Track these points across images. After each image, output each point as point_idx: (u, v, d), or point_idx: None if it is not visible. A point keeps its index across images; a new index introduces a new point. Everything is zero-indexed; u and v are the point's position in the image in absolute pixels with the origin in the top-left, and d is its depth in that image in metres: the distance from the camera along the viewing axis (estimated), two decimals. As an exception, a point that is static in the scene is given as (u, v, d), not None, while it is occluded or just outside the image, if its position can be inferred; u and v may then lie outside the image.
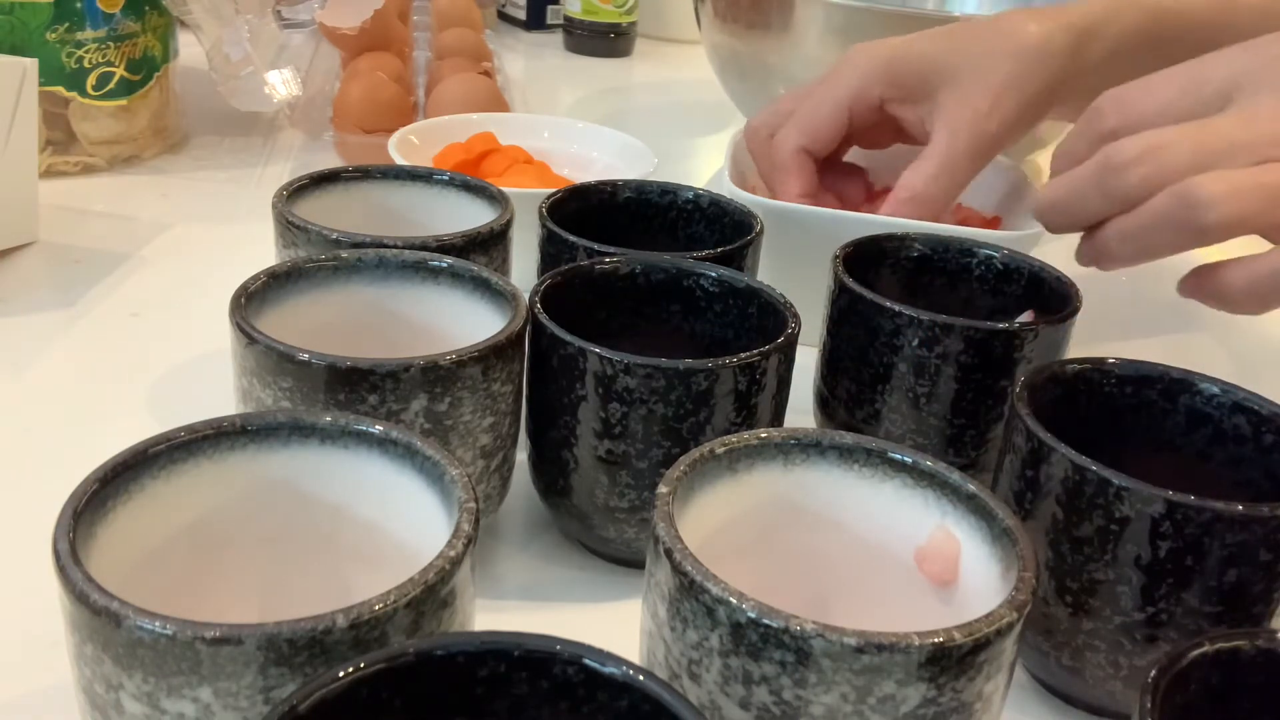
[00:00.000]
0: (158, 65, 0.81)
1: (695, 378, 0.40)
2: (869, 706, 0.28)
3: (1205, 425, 0.42)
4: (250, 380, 0.39)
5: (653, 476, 0.42)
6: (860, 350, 0.48)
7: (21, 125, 0.64)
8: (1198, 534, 0.35)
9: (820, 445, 0.36)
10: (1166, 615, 0.36)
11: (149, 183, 0.80)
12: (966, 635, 0.28)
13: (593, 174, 0.70)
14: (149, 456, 0.32)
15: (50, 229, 0.69)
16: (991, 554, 0.33)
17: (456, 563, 0.28)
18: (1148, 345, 0.49)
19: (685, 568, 0.29)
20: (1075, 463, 0.36)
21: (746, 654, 0.29)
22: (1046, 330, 0.46)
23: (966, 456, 0.48)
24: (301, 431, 0.34)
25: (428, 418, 0.39)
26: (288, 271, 0.44)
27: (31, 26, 0.73)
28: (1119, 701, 0.39)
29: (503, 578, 0.45)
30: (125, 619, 0.26)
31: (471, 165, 0.69)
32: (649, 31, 1.33)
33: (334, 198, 0.54)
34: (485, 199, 0.54)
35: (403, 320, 0.46)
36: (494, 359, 0.40)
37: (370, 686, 0.24)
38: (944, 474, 0.35)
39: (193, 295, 0.64)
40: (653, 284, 0.48)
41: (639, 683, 0.24)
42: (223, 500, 0.34)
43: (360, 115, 0.83)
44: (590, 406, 0.41)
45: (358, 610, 0.26)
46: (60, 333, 0.59)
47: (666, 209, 0.58)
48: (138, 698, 0.27)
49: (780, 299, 0.45)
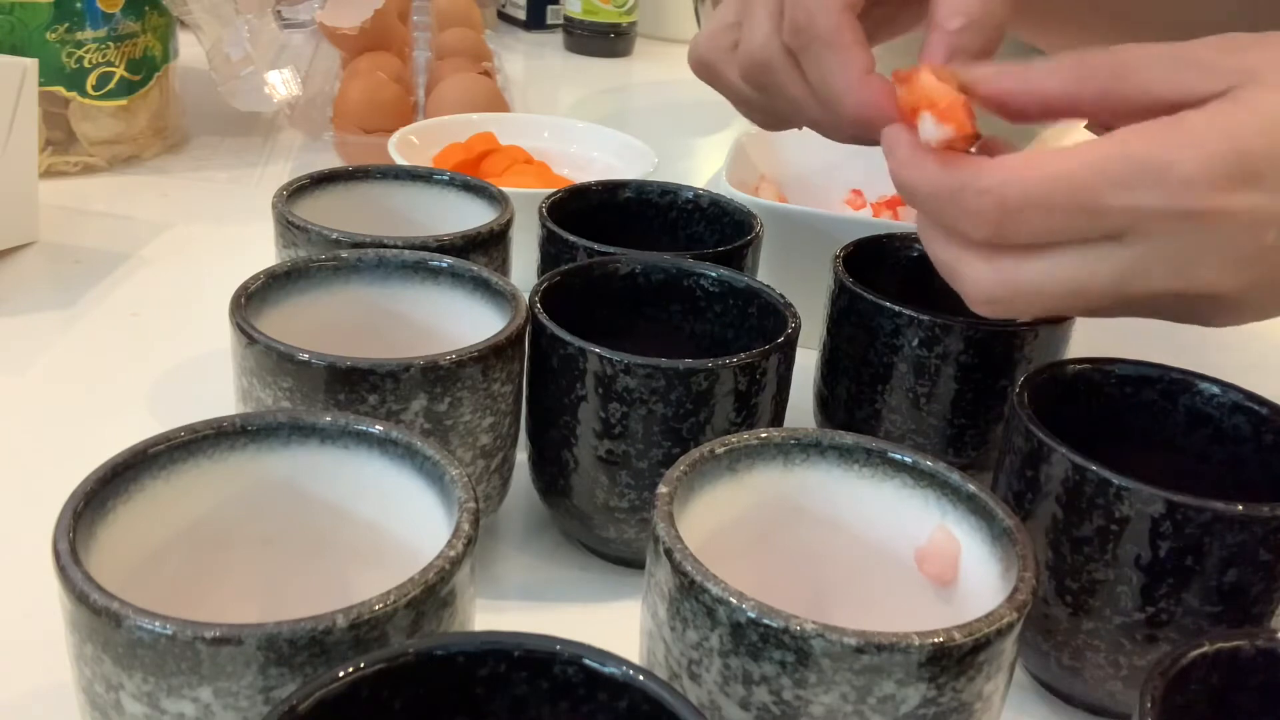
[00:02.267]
0: (158, 65, 0.81)
1: (695, 378, 0.40)
2: (869, 706, 0.28)
3: (1205, 425, 0.42)
4: (250, 380, 0.39)
5: (653, 476, 0.42)
6: (860, 350, 0.48)
7: (21, 125, 0.64)
8: (1198, 534, 0.35)
9: (820, 445, 0.36)
10: (1166, 615, 0.36)
11: (149, 183, 0.79)
12: (966, 635, 0.28)
13: (593, 174, 0.70)
14: (149, 456, 0.32)
15: (50, 229, 0.69)
16: (991, 554, 0.33)
17: (456, 563, 0.28)
18: (1148, 345, 0.49)
19: (685, 568, 0.29)
20: (1075, 463, 0.36)
21: (746, 654, 0.29)
22: (1046, 330, 0.46)
23: (966, 456, 0.48)
24: (301, 431, 0.34)
25: (428, 418, 0.39)
26: (288, 271, 0.44)
27: (31, 26, 0.73)
28: (1119, 701, 0.39)
29: (503, 578, 0.45)
30: (125, 619, 0.26)
31: (471, 165, 0.69)
32: (649, 31, 1.33)
33: (334, 198, 0.54)
34: (485, 199, 0.54)
35: (403, 320, 0.46)
36: (494, 359, 0.40)
37: (370, 686, 0.24)
38: (944, 474, 0.35)
39: (193, 295, 0.64)
40: (653, 284, 0.48)
41: (639, 683, 0.24)
42: (223, 500, 0.34)
43: (360, 115, 0.83)
44: (590, 406, 0.41)
45: (358, 610, 0.26)
46: (60, 333, 0.59)
47: (666, 209, 0.58)
48: (138, 698, 0.27)
49: (780, 299, 0.45)
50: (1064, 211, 0.35)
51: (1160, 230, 0.35)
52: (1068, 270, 0.36)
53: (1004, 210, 0.36)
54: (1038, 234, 0.36)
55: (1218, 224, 0.34)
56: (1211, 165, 0.34)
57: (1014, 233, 0.36)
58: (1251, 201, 0.34)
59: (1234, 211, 0.34)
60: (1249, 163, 0.34)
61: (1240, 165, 0.34)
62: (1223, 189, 0.34)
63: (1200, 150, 0.34)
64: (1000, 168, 0.36)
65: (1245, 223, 0.34)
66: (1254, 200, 0.34)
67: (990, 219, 0.36)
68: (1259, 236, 0.35)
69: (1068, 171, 0.35)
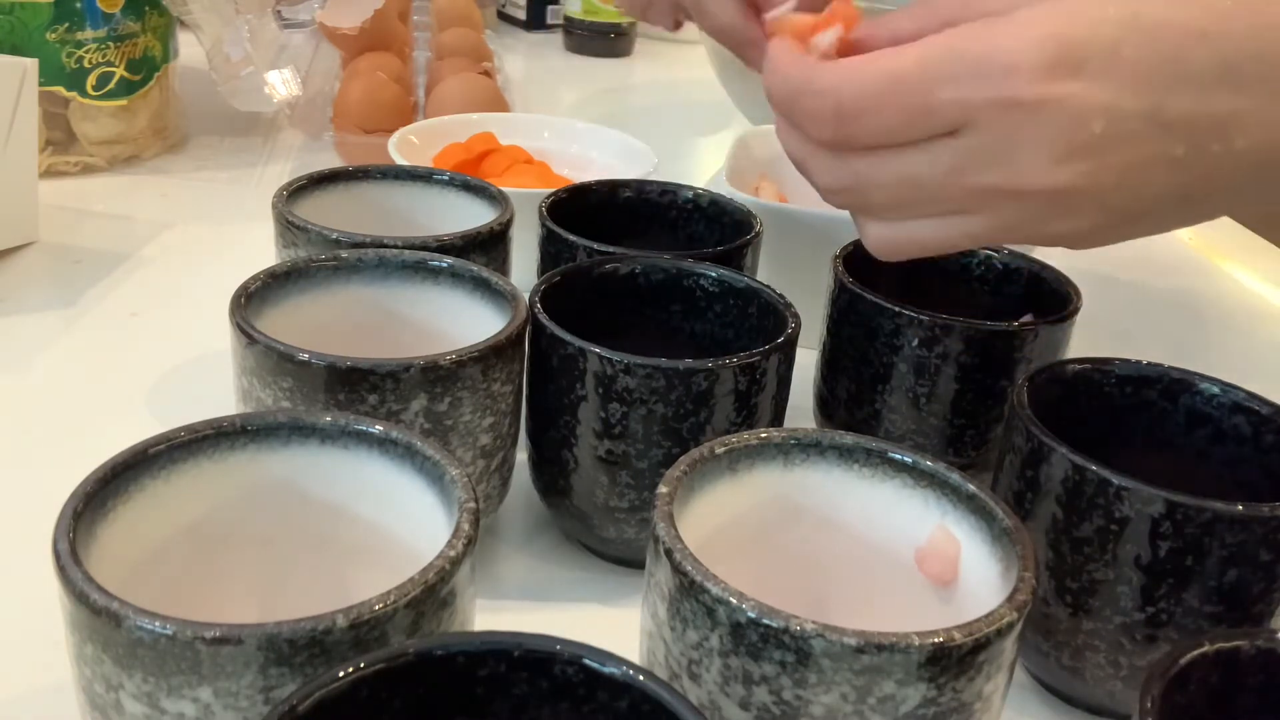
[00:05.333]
0: (158, 65, 0.81)
1: (695, 378, 0.40)
2: (869, 706, 0.28)
3: (1205, 425, 0.42)
4: (250, 380, 0.39)
5: (653, 476, 0.42)
6: (860, 350, 0.48)
7: (21, 125, 0.64)
8: (1198, 534, 0.35)
9: (820, 445, 0.36)
10: (1166, 615, 0.36)
11: (149, 183, 0.79)
12: (966, 635, 0.28)
13: (593, 174, 0.70)
14: (149, 456, 0.32)
15: (50, 229, 0.69)
16: (991, 554, 0.33)
17: (456, 563, 0.28)
18: (1148, 345, 0.49)
19: (685, 568, 0.29)
20: (1075, 463, 0.36)
21: (746, 654, 0.29)
22: (1046, 330, 0.46)
23: (966, 456, 0.48)
24: (301, 431, 0.34)
25: (428, 418, 0.39)
26: (288, 271, 0.44)
27: (31, 26, 0.73)
28: (1119, 701, 0.39)
29: (503, 578, 0.45)
30: (125, 619, 0.26)
31: (471, 165, 0.69)
32: (649, 31, 1.33)
33: (334, 198, 0.54)
34: (485, 199, 0.54)
35: (403, 320, 0.46)
36: (494, 359, 0.40)
37: (370, 686, 0.24)
38: (944, 474, 0.35)
39: (193, 295, 0.64)
40: (653, 284, 0.48)
41: (639, 683, 0.24)
42: (223, 500, 0.34)
43: (360, 115, 0.83)
44: (590, 406, 0.41)
45: (358, 610, 0.26)
46: (60, 333, 0.59)
47: (666, 209, 0.58)
48: (138, 697, 0.27)
49: (780, 299, 0.45)
50: (896, 111, 0.36)
51: (987, 120, 0.35)
52: (905, 164, 0.37)
53: (840, 113, 0.36)
54: (875, 134, 0.37)
55: (1042, 112, 0.34)
56: (1032, 53, 0.34)
57: (853, 134, 0.37)
58: (1075, 89, 0.34)
59: (1058, 98, 0.34)
60: (1071, 51, 0.34)
61: (1061, 53, 0.34)
62: (1045, 77, 0.34)
63: (1021, 40, 0.34)
64: (837, 69, 0.37)
65: (1070, 110, 0.34)
66: (1077, 88, 0.34)
67: (829, 120, 0.37)
68: (1085, 125, 0.34)
69: (898, 71, 0.36)
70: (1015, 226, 0.37)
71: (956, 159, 0.36)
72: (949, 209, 0.38)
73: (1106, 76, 0.34)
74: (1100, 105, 0.34)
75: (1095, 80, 0.34)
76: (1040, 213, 0.37)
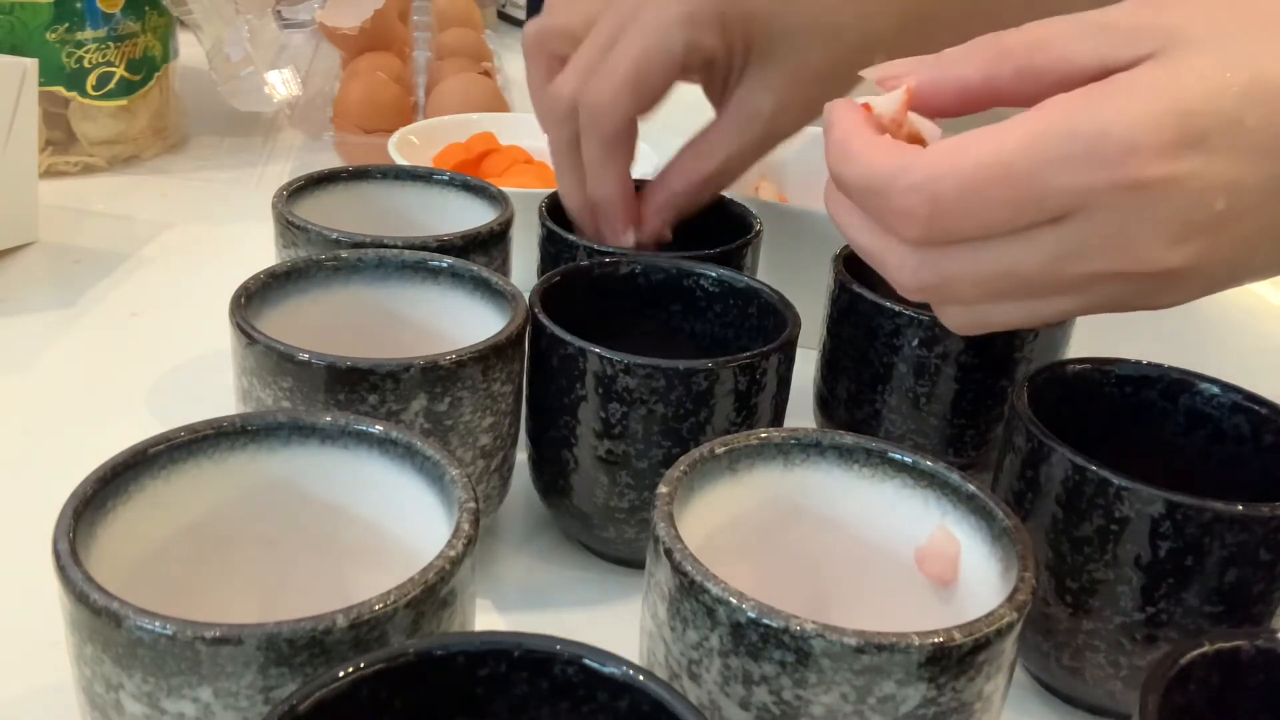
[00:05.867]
0: (158, 65, 0.81)
1: (695, 378, 0.40)
2: (869, 706, 0.28)
3: (1205, 425, 0.42)
4: (250, 380, 0.39)
5: (653, 476, 0.42)
6: (860, 350, 0.48)
7: (21, 125, 0.64)
8: (1198, 534, 0.35)
9: (820, 445, 0.36)
10: (1166, 615, 0.36)
11: (149, 183, 0.79)
12: (966, 635, 0.28)
13: (593, 174, 0.70)
14: (149, 456, 0.32)
15: (50, 229, 0.69)
16: (991, 554, 0.33)
17: (456, 563, 0.28)
18: (1148, 345, 0.49)
19: (685, 568, 0.29)
20: (1075, 463, 0.36)
21: (746, 654, 0.29)
22: (1046, 330, 0.46)
23: (966, 456, 0.48)
24: (301, 431, 0.34)
25: (428, 418, 0.39)
26: (288, 271, 0.44)
27: (31, 26, 0.73)
28: (1119, 701, 0.39)
29: (503, 578, 0.45)
30: (125, 619, 0.26)
31: (471, 165, 0.69)
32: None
33: (334, 198, 0.54)
34: (485, 199, 0.54)
35: (403, 320, 0.46)
36: (494, 359, 0.40)
37: (370, 686, 0.24)
38: (944, 474, 0.35)
39: (193, 295, 0.64)
40: (653, 284, 0.48)
41: (639, 683, 0.24)
42: (223, 500, 0.34)
43: (360, 115, 0.83)
44: (590, 406, 0.41)
45: (358, 610, 0.26)
46: (60, 333, 0.59)
47: (666, 209, 0.57)
48: (138, 698, 0.27)
49: (780, 299, 0.45)
50: (1002, 204, 0.33)
51: (1104, 204, 0.32)
52: (1003, 256, 0.34)
53: (936, 209, 0.33)
54: (973, 230, 0.33)
55: (1164, 192, 0.32)
56: (1153, 131, 0.31)
57: (947, 230, 0.34)
58: (1197, 166, 0.31)
59: (1180, 177, 0.31)
60: (1193, 124, 0.31)
61: (1184, 127, 0.31)
62: (1167, 156, 0.31)
63: (1140, 116, 0.31)
64: (929, 160, 0.33)
65: (1193, 189, 0.32)
66: (1201, 164, 0.31)
67: (921, 217, 0.33)
68: (1209, 204, 0.32)
69: (1004, 160, 0.32)
70: (1112, 303, 0.35)
71: (1062, 246, 0.33)
72: (1046, 293, 0.35)
73: (1230, 150, 0.32)
74: (1224, 182, 0.32)
75: (1218, 155, 0.31)
76: (1144, 291, 0.34)
